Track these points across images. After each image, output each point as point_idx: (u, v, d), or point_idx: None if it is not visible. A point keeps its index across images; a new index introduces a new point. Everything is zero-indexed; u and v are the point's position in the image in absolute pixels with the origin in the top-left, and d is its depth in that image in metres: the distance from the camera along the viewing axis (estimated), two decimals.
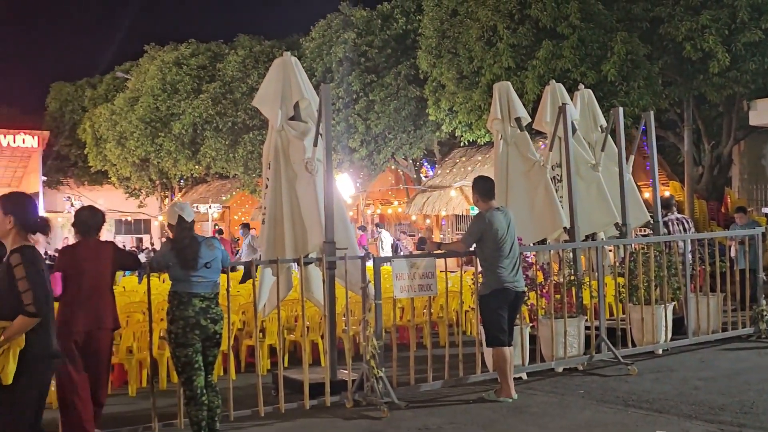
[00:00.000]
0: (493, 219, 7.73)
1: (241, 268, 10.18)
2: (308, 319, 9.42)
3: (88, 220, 6.38)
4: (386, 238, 21.54)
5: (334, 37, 24.98)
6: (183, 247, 6.23)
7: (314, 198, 8.11)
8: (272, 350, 9.81)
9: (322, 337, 9.55)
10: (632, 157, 11.33)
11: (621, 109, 10.83)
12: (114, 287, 6.78)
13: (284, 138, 8.36)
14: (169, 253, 6.27)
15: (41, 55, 72.58)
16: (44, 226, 4.91)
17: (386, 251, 20.48)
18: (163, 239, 31.16)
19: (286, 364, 8.28)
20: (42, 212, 29.17)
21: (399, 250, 22.06)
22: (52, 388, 6.48)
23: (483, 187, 7.98)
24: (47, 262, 18.20)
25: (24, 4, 79.05)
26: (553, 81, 11.04)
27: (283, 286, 7.96)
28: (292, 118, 8.43)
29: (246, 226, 21.66)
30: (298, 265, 8.01)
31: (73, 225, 6.37)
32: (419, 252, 20.43)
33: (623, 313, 10.23)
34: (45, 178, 36.57)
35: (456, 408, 7.51)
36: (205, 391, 6.23)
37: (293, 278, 8.80)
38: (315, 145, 8.22)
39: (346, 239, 8.25)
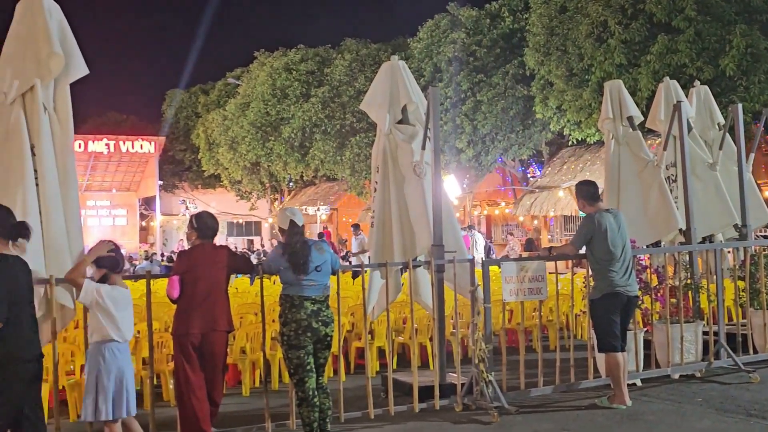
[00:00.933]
0: (602, 220, 7.55)
1: None
2: (416, 322, 9.43)
3: (211, 224, 6.57)
4: (479, 240, 21.25)
5: (442, 38, 24.95)
6: (294, 251, 6.33)
7: (422, 201, 8.11)
8: (380, 352, 9.88)
9: (431, 339, 9.54)
10: (752, 155, 10.85)
11: (740, 105, 10.40)
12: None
13: (392, 141, 8.40)
14: (281, 257, 6.38)
15: (157, 64, 75.52)
16: (21, 231, 5.15)
17: (480, 253, 20.18)
18: (273, 241, 31.76)
19: (394, 367, 8.31)
20: (158, 214, 30.10)
21: (491, 253, 21.75)
22: (170, 386, 6.73)
23: (587, 192, 7.81)
24: (164, 263, 18.87)
25: (139, 19, 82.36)
26: (667, 78, 10.71)
27: (392, 289, 7.99)
28: (400, 122, 8.46)
29: (356, 227, 21.96)
30: (406, 268, 8.02)
31: (196, 228, 6.54)
32: (527, 254, 20.18)
33: (744, 318, 9.81)
34: (161, 182, 37.95)
35: (567, 414, 7.37)
36: (316, 392, 6.31)
37: (402, 281, 8.82)
38: (423, 148, 8.22)
39: (454, 242, 8.22)
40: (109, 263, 5.94)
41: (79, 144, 33.53)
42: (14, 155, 5.97)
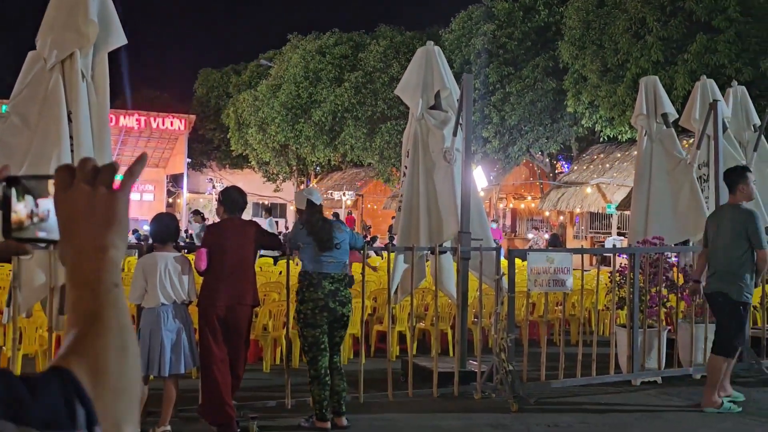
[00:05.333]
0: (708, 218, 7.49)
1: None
2: (438, 309, 9.43)
3: (238, 198, 6.61)
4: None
5: (474, 29, 24.85)
6: (318, 229, 6.38)
7: (451, 188, 8.10)
8: (400, 337, 9.89)
9: (452, 327, 9.54)
10: None
11: None
12: None
13: (424, 127, 8.38)
14: (301, 232, 6.46)
15: (191, 43, 75.90)
16: None
17: None
18: None
19: (414, 352, 8.32)
20: (185, 192, 29.80)
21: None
22: None
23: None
24: (188, 241, 18.90)
25: None
26: (704, 76, 10.57)
27: (416, 275, 7.99)
28: (432, 107, 8.45)
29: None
30: (431, 253, 8.02)
31: (222, 202, 6.59)
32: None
33: None
34: (189, 160, 38.14)
35: (587, 408, 7.34)
36: (328, 371, 6.36)
37: (426, 267, 8.83)
38: (454, 134, 8.21)
39: (480, 230, 8.21)
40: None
41: (111, 118, 33.74)
42: (51, 120, 6.03)
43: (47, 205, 1.09)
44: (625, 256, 9.61)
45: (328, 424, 6.39)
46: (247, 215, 6.95)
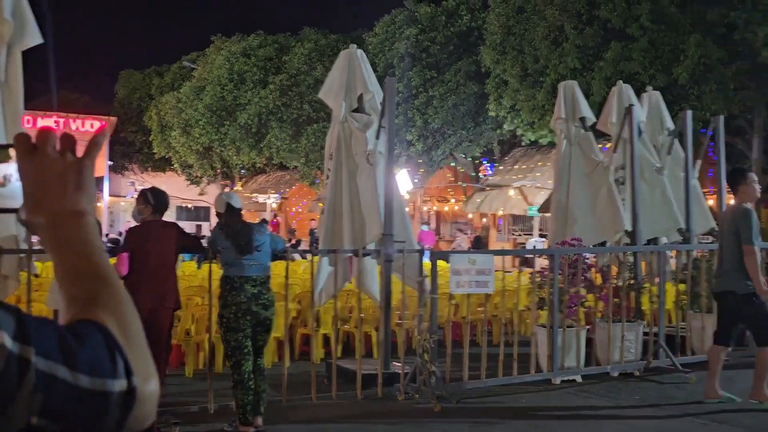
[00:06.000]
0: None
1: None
2: (363, 311, 9.45)
3: (165, 200, 6.54)
4: None
5: (397, 33, 25.00)
6: (236, 231, 6.34)
7: (374, 190, 8.14)
8: (325, 340, 9.88)
9: (376, 329, 9.58)
10: (699, 162, 11.09)
11: (690, 112, 10.63)
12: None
13: (347, 129, 8.40)
14: (220, 236, 6.40)
15: (112, 44, 74.32)
16: None
17: None
18: None
19: (339, 355, 8.33)
20: (106, 195, 29.31)
21: None
22: None
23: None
24: (108, 245, 18.41)
25: None
26: (620, 81, 10.86)
27: (340, 277, 8.00)
28: (355, 110, 8.47)
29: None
30: (355, 256, 8.04)
31: (153, 204, 6.46)
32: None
33: (683, 320, 10.04)
34: (111, 163, 37.32)
35: (508, 407, 7.46)
36: (252, 375, 6.33)
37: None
38: (377, 137, 8.25)
39: (404, 233, 8.27)
40: None
41: (28, 120, 32.81)
42: None
43: (6, 170, 1.09)
44: (545, 257, 9.81)
45: (252, 428, 6.34)
46: (171, 219, 6.85)
